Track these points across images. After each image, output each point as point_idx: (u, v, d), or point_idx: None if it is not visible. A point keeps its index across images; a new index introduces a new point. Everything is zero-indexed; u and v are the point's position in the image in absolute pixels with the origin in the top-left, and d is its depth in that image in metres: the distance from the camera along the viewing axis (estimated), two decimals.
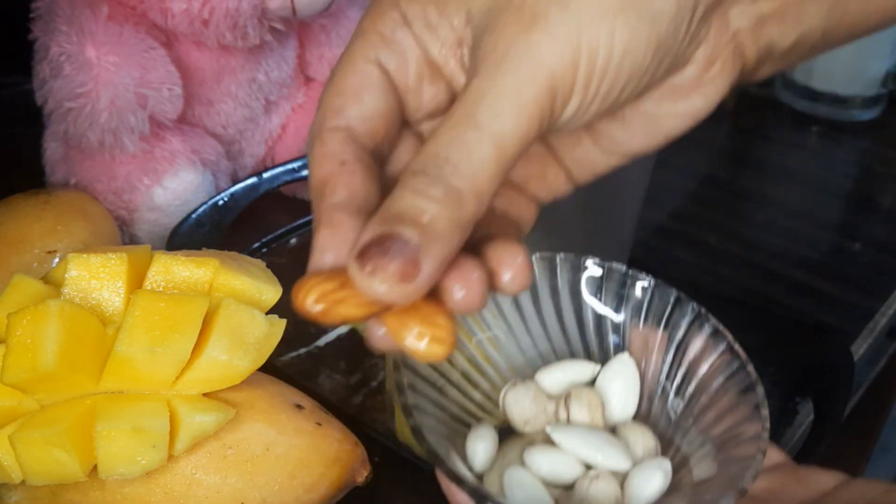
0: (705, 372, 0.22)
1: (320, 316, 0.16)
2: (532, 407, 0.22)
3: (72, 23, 0.37)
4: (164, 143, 0.39)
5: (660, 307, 0.23)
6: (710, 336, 0.22)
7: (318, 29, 0.45)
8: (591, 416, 0.22)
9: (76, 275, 0.26)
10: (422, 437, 0.19)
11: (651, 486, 0.20)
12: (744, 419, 0.20)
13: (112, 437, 0.24)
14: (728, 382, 0.21)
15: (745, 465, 0.19)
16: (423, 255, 0.16)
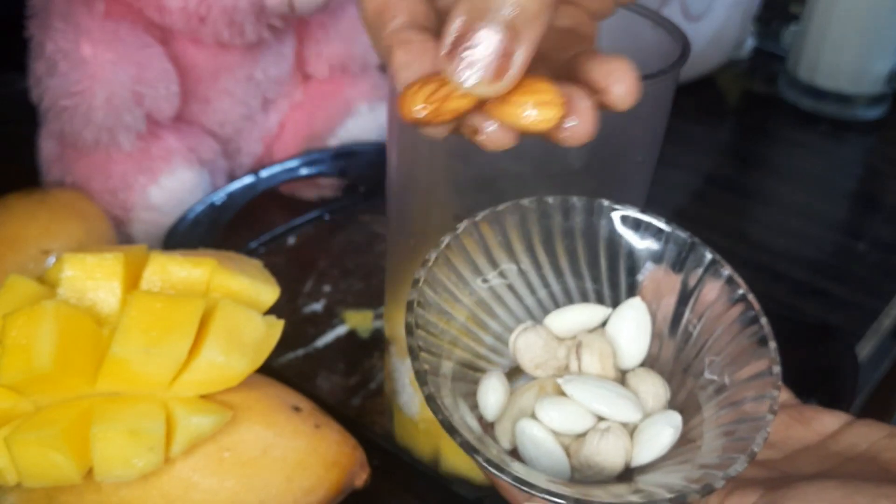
0: (717, 320, 0.22)
1: (432, 117, 0.16)
2: (543, 352, 0.22)
3: (68, 20, 0.36)
4: (161, 141, 0.39)
5: (673, 251, 0.23)
6: (724, 284, 0.22)
7: (316, 26, 0.44)
8: (602, 365, 0.22)
9: (71, 275, 0.26)
10: (423, 381, 0.19)
11: (660, 440, 0.20)
12: (755, 375, 0.20)
13: (108, 439, 0.24)
14: (741, 334, 0.21)
15: (755, 426, 0.19)
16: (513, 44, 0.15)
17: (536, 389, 0.22)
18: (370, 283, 0.41)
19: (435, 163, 0.26)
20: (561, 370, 0.23)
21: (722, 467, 0.19)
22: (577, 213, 0.23)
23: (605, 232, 0.23)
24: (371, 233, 0.45)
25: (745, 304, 0.21)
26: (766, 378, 0.20)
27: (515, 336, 0.23)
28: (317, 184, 0.46)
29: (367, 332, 0.38)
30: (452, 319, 0.22)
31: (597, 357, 0.22)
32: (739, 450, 0.19)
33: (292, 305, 0.39)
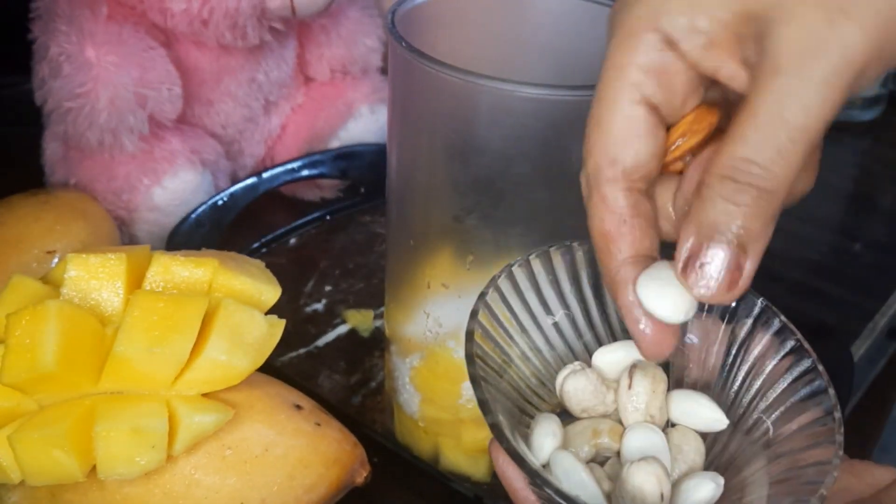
0: (769, 371, 0.21)
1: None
2: (592, 397, 0.22)
3: (71, 22, 0.37)
4: (164, 143, 0.39)
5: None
6: (775, 334, 0.21)
7: (317, 29, 0.45)
8: (654, 389, 0.22)
9: (75, 275, 0.26)
10: (488, 410, 0.19)
11: (701, 493, 0.20)
12: (812, 422, 0.20)
13: (111, 437, 0.24)
14: (795, 384, 0.21)
15: (821, 470, 0.19)
16: (742, 259, 0.17)
17: (590, 434, 0.21)
18: (371, 282, 0.41)
19: (435, 164, 0.26)
20: (608, 414, 0.22)
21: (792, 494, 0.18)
22: None
23: None
24: (371, 233, 0.45)
25: (799, 353, 0.21)
26: (827, 425, 0.19)
27: (563, 378, 0.22)
28: (318, 185, 0.47)
29: (368, 332, 0.39)
30: (504, 353, 0.22)
31: (649, 380, 0.22)
32: (805, 493, 0.18)
33: (294, 305, 0.40)
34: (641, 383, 0.22)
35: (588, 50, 0.29)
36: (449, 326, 0.28)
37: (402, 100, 0.26)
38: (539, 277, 0.23)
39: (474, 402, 0.29)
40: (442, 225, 0.26)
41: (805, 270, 0.46)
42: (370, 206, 0.47)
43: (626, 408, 0.22)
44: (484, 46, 0.29)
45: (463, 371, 0.28)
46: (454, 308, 0.28)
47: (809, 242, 0.49)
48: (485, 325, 0.21)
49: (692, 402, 0.22)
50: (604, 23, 0.27)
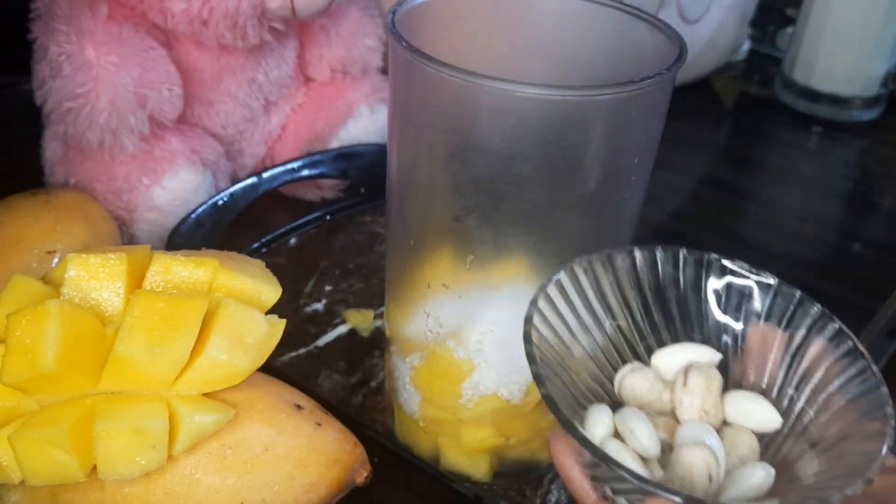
0: (825, 376, 0.22)
1: None
2: (647, 394, 0.23)
3: (71, 22, 0.37)
4: (164, 143, 0.39)
5: (781, 305, 0.23)
6: (831, 338, 0.22)
7: (317, 29, 0.45)
8: (708, 387, 0.22)
9: (75, 275, 0.26)
10: (553, 405, 0.20)
11: (752, 480, 0.21)
12: (864, 416, 0.20)
13: (111, 437, 0.24)
14: (849, 384, 0.21)
15: (868, 458, 0.19)
16: None
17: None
18: (371, 282, 0.41)
19: (435, 164, 0.26)
20: (665, 412, 0.23)
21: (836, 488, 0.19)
22: (687, 264, 0.24)
23: (713, 284, 0.24)
24: (371, 233, 0.45)
25: (854, 355, 0.22)
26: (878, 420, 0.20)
27: (621, 377, 0.23)
28: (318, 185, 0.47)
29: (368, 332, 0.39)
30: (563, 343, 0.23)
31: (703, 378, 0.22)
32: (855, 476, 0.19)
33: (294, 305, 0.40)
34: (696, 381, 0.22)
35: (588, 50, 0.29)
36: (449, 326, 0.28)
37: (403, 100, 0.26)
38: (602, 280, 0.23)
39: (474, 402, 0.29)
40: (442, 225, 0.26)
41: (805, 270, 0.46)
42: (370, 206, 0.47)
43: (682, 403, 0.22)
44: (484, 46, 0.29)
45: (463, 371, 0.29)
46: (454, 308, 0.28)
47: (809, 242, 0.49)
48: (544, 319, 0.22)
49: (746, 402, 0.23)
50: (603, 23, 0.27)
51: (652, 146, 0.26)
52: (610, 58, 0.28)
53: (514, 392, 0.29)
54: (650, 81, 0.23)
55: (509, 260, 0.26)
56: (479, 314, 0.27)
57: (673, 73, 0.24)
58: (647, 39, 0.27)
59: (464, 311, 0.28)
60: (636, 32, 0.27)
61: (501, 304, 0.27)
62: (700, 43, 0.59)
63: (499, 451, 0.31)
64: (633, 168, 0.26)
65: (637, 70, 0.24)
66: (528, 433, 0.30)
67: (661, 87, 0.24)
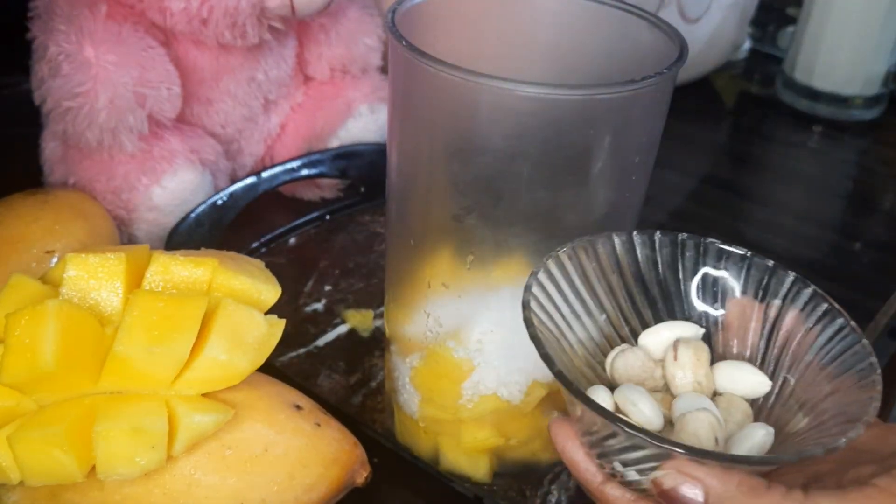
0: (804, 340, 0.23)
1: None
2: (640, 372, 0.23)
3: (70, 22, 0.37)
4: (163, 142, 0.39)
5: (756, 277, 0.24)
6: (807, 301, 0.23)
7: (317, 28, 0.45)
8: (697, 358, 0.23)
9: (74, 275, 0.26)
10: (565, 380, 0.20)
11: (755, 438, 0.21)
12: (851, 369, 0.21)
13: (111, 437, 0.24)
14: (831, 343, 0.22)
15: (863, 404, 0.20)
16: None
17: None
18: (370, 282, 0.41)
19: (435, 163, 0.26)
20: (658, 389, 0.23)
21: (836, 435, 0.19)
22: (663, 246, 0.25)
23: (689, 263, 0.25)
24: (371, 233, 0.45)
25: (832, 315, 0.22)
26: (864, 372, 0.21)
27: (613, 357, 0.24)
28: (317, 184, 0.46)
29: (368, 332, 0.39)
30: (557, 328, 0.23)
31: (692, 351, 0.23)
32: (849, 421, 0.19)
33: (293, 305, 0.39)
34: (686, 354, 0.23)
35: (588, 49, 0.29)
36: (449, 326, 0.28)
37: (402, 99, 0.26)
38: (586, 267, 0.24)
39: (474, 402, 0.29)
40: (442, 224, 0.26)
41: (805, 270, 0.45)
42: (370, 206, 0.47)
43: (675, 377, 0.23)
44: (484, 45, 0.29)
45: (463, 371, 0.29)
46: (454, 308, 0.28)
47: (810, 241, 0.49)
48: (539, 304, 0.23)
49: (734, 369, 0.23)
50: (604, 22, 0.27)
51: (652, 145, 0.26)
52: (610, 57, 0.28)
53: (514, 392, 0.29)
54: (651, 80, 0.23)
55: (509, 260, 0.26)
56: (479, 314, 0.27)
57: (673, 72, 0.24)
58: (648, 38, 0.27)
59: (464, 310, 0.28)
60: (637, 31, 0.27)
61: (501, 304, 0.27)
62: (701, 42, 0.59)
63: (499, 451, 0.31)
64: (634, 167, 0.26)
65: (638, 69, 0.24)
66: (528, 433, 0.30)
67: (662, 86, 0.24)
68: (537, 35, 0.29)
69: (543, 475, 0.32)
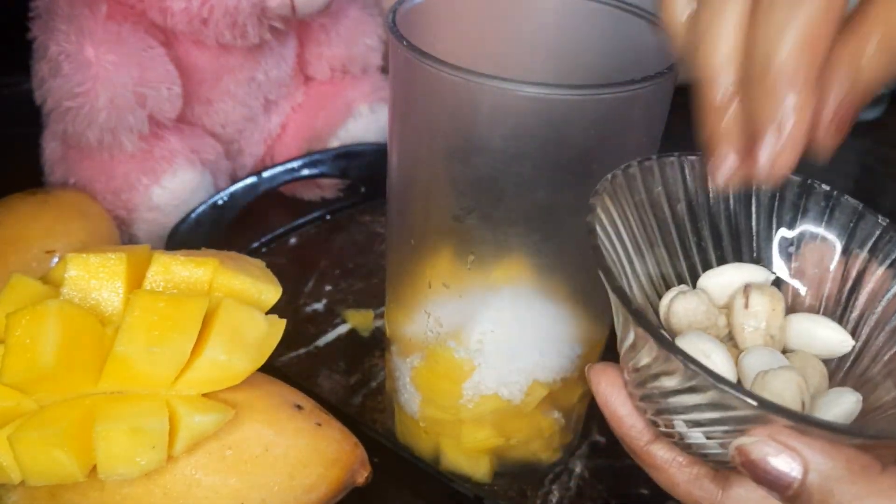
0: (892, 296, 0.19)
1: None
2: (704, 318, 0.20)
3: (71, 22, 0.37)
4: (163, 142, 0.39)
5: (840, 221, 0.21)
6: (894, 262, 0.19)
7: (317, 28, 0.45)
8: (773, 307, 0.20)
9: (75, 274, 0.26)
10: (624, 297, 0.17)
11: (844, 405, 0.18)
12: None
13: (111, 437, 0.24)
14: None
15: None
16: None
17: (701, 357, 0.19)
18: (371, 282, 0.41)
19: (435, 163, 0.26)
20: (720, 339, 0.20)
21: None
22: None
23: (764, 199, 0.21)
24: (371, 233, 0.45)
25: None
26: None
27: (670, 300, 0.20)
28: (318, 184, 0.46)
29: (368, 332, 0.39)
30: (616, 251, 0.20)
31: (767, 299, 0.20)
32: None
33: (294, 305, 0.40)
34: (760, 301, 0.20)
35: (588, 49, 0.29)
36: (450, 326, 0.28)
37: (403, 99, 0.26)
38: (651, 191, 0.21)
39: (475, 402, 0.29)
40: (442, 224, 0.26)
41: None
42: (370, 206, 0.47)
43: (743, 328, 0.20)
44: (484, 45, 0.29)
45: (463, 371, 0.29)
46: (455, 308, 0.28)
47: None
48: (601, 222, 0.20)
49: (812, 324, 0.20)
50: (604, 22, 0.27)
51: (652, 145, 0.26)
52: (611, 57, 0.28)
53: (515, 392, 0.29)
54: (651, 80, 0.23)
55: (510, 260, 0.26)
56: (479, 314, 0.27)
57: (674, 73, 0.24)
58: (648, 38, 0.27)
59: (464, 310, 0.28)
60: (637, 31, 0.27)
61: (502, 304, 0.27)
62: None
63: (499, 451, 0.31)
64: None
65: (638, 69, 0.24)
66: (529, 433, 0.30)
67: (662, 86, 0.24)
68: (537, 35, 0.29)
69: (544, 475, 0.32)
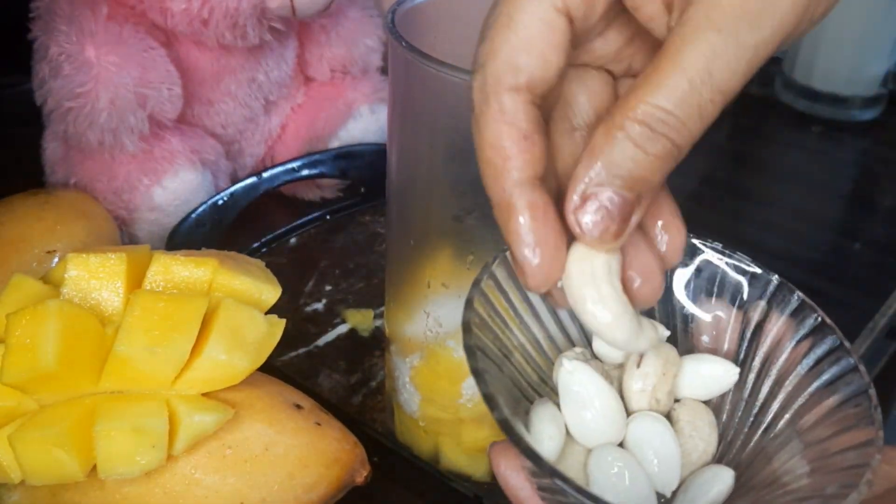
0: (790, 352, 0.19)
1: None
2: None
3: (71, 22, 0.37)
4: (164, 142, 0.39)
5: (732, 281, 0.20)
6: (794, 313, 0.19)
7: (317, 29, 0.45)
8: (665, 371, 0.19)
9: (75, 274, 0.26)
10: (495, 405, 0.17)
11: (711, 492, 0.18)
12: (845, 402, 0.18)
13: (111, 436, 0.24)
14: (821, 363, 0.18)
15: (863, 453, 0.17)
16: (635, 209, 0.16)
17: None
18: (371, 282, 0.41)
19: (435, 164, 0.26)
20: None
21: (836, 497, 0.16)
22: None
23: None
24: (371, 233, 0.45)
25: (821, 331, 0.19)
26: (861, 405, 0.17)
27: (557, 369, 0.20)
28: (318, 185, 0.47)
29: (368, 331, 0.39)
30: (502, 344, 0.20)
31: (662, 361, 0.19)
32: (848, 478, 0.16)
33: (294, 305, 0.40)
34: (652, 364, 0.19)
35: None
36: (449, 326, 0.28)
37: (403, 99, 0.26)
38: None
39: (474, 401, 0.29)
40: (442, 225, 0.26)
41: (805, 270, 0.46)
42: (370, 206, 0.47)
43: (631, 388, 0.20)
44: None
45: (463, 370, 0.29)
46: (454, 308, 0.28)
47: (809, 242, 0.49)
48: (482, 315, 0.19)
49: (696, 363, 0.20)
50: None
51: None
52: None
53: None
54: None
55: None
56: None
57: None
58: None
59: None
60: None
61: None
62: None
63: None
64: None
65: None
66: None
67: None
68: None
69: None
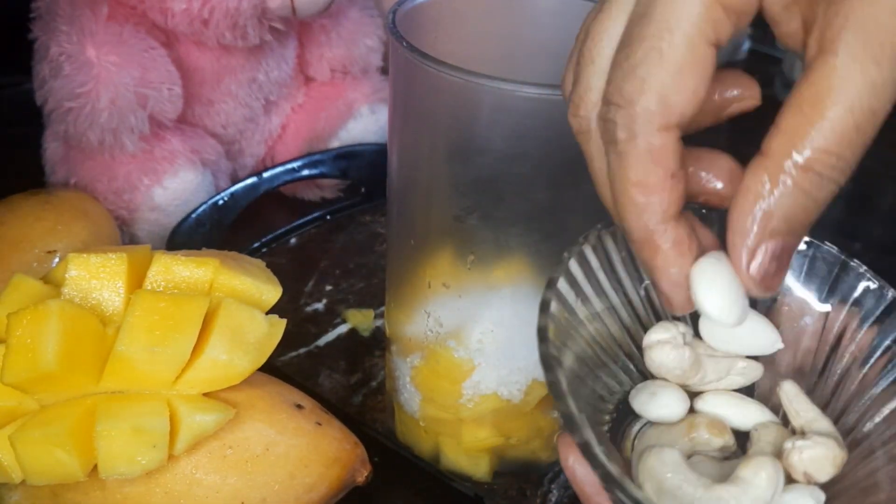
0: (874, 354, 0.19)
1: None
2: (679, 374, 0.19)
3: (72, 22, 0.37)
4: (164, 142, 0.39)
5: (822, 270, 0.20)
6: (885, 309, 0.19)
7: (318, 29, 0.45)
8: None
9: (76, 275, 0.26)
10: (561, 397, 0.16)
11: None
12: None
13: (112, 436, 0.24)
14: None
15: None
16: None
17: (686, 426, 0.19)
18: (371, 282, 0.42)
19: (435, 164, 0.26)
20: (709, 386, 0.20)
21: None
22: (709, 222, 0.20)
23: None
24: (372, 233, 0.45)
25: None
26: None
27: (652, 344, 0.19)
28: (318, 185, 0.47)
29: (368, 331, 0.39)
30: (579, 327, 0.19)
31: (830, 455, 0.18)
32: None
33: (294, 305, 0.40)
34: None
35: None
36: (449, 326, 0.28)
37: (403, 100, 0.26)
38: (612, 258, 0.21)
39: (475, 401, 0.29)
40: (442, 225, 0.26)
41: None
42: (370, 206, 0.47)
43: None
44: (485, 46, 0.29)
45: (463, 370, 0.29)
46: (455, 308, 0.28)
47: None
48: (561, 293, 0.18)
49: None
50: None
51: None
52: None
53: (514, 392, 0.29)
54: None
55: (510, 260, 0.26)
56: (479, 314, 0.28)
57: None
58: None
59: (464, 310, 0.28)
60: None
61: (502, 303, 0.27)
62: None
63: (499, 450, 0.31)
64: None
65: None
66: (528, 433, 0.30)
67: None
68: (538, 36, 0.29)
69: (544, 474, 0.32)
